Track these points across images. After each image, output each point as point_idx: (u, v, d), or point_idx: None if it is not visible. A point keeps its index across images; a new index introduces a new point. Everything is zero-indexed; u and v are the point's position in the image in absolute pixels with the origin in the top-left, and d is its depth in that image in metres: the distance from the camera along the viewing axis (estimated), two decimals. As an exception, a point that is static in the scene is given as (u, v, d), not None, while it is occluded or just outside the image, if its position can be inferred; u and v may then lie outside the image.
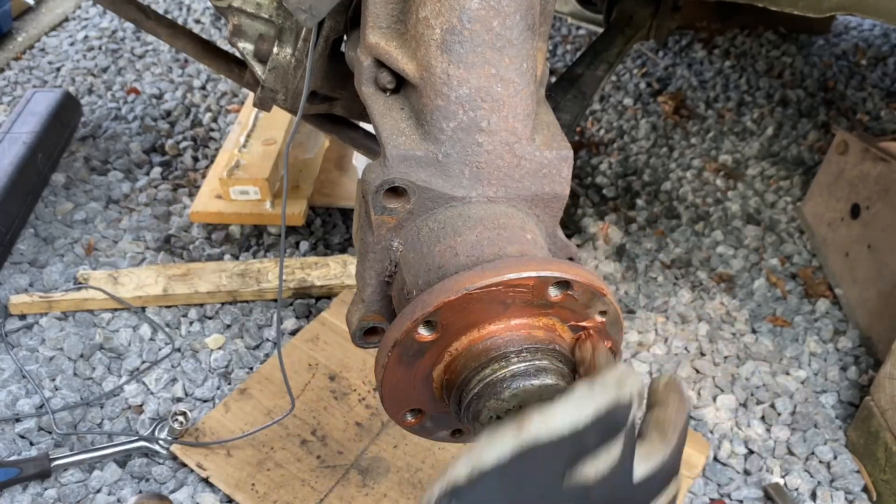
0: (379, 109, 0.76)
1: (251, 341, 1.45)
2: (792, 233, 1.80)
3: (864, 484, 1.28)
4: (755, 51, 2.50)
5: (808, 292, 1.64)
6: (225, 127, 2.05)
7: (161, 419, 1.29)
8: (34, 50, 2.40)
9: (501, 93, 0.71)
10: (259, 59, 1.04)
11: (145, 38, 2.43)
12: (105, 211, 1.75)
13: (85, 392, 1.36)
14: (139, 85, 2.21)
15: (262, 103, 1.10)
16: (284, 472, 1.23)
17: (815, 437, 1.35)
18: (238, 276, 1.54)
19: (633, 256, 1.71)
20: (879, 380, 1.28)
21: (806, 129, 2.14)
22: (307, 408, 1.31)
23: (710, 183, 1.94)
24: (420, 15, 0.71)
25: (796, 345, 1.52)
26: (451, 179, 0.73)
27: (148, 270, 1.55)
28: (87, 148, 1.93)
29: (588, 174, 1.97)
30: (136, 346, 1.44)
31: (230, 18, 1.02)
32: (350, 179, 1.80)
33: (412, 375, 0.71)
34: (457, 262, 0.69)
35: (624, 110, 2.21)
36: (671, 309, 1.58)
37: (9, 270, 1.58)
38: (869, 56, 2.51)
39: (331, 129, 1.24)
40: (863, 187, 1.60)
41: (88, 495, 1.21)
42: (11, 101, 2.13)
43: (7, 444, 1.27)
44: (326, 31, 0.96)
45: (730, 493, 1.27)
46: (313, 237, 1.70)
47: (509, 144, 0.73)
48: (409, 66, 0.73)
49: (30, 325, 1.47)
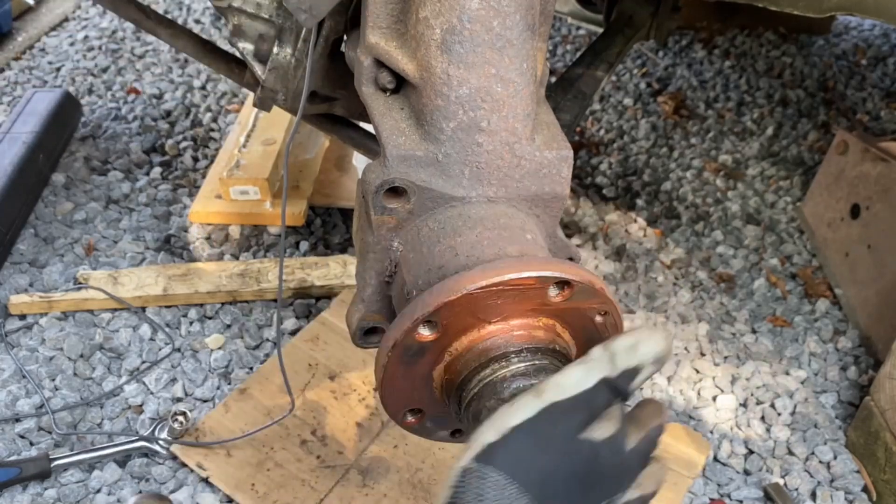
0: (379, 109, 0.76)
1: (251, 341, 1.45)
2: (792, 233, 1.81)
3: (864, 484, 1.28)
4: (755, 51, 2.50)
5: (808, 292, 1.64)
6: (225, 127, 2.05)
7: (161, 419, 1.29)
8: (34, 50, 2.40)
9: (501, 93, 0.71)
10: (259, 59, 1.04)
11: (145, 38, 2.43)
12: (105, 211, 1.75)
13: (85, 392, 1.36)
14: (139, 85, 2.21)
15: (262, 103, 1.10)
16: (284, 472, 1.23)
17: (815, 437, 1.35)
18: (238, 276, 1.54)
19: (633, 256, 1.71)
20: (879, 380, 1.28)
21: (806, 129, 2.14)
22: (307, 408, 1.31)
23: (710, 183, 1.94)
24: (420, 15, 0.71)
25: (796, 345, 1.52)
26: (451, 179, 0.73)
27: (148, 270, 1.55)
28: (87, 148, 1.93)
29: (588, 174, 1.97)
30: (136, 346, 1.44)
31: (230, 18, 1.02)
32: (350, 179, 1.80)
33: (412, 375, 0.71)
34: (457, 262, 0.69)
35: (624, 110, 2.21)
36: (671, 309, 1.58)
37: (9, 270, 1.58)
38: (869, 56, 2.51)
39: (331, 129, 1.24)
40: (863, 187, 1.60)
41: (88, 495, 1.21)
42: (11, 101, 2.13)
43: (7, 444, 1.27)
44: (326, 31, 0.96)
45: (730, 493, 1.27)
46: (313, 237, 1.70)
47: (509, 144, 0.73)
48: (409, 66, 0.73)
49: (30, 325, 1.47)
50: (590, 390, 0.59)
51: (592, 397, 0.60)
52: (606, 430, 0.60)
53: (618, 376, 0.60)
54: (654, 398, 0.68)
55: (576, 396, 0.59)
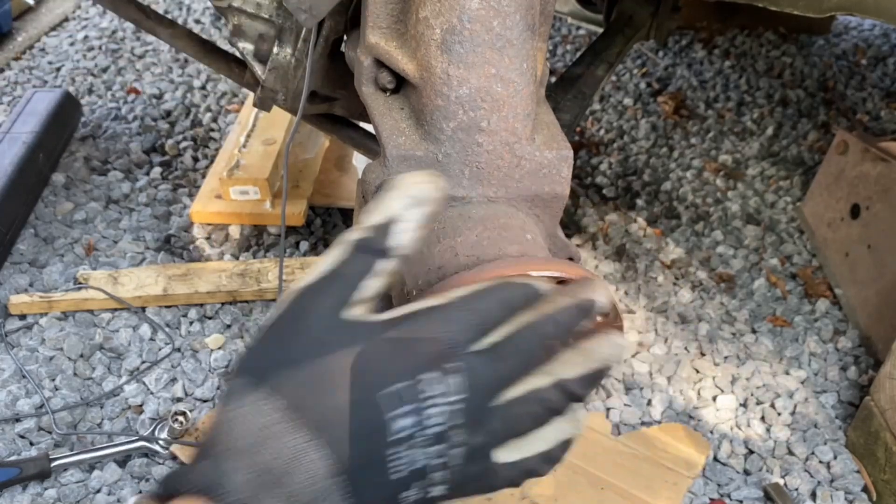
0: (379, 109, 0.77)
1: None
2: (792, 233, 1.81)
3: (864, 484, 1.28)
4: (755, 51, 2.50)
5: (808, 292, 1.64)
6: (225, 127, 2.05)
7: (161, 419, 1.29)
8: (34, 50, 2.40)
9: (501, 93, 0.71)
10: (259, 59, 1.04)
11: (145, 38, 2.43)
12: (105, 211, 1.75)
13: (85, 392, 1.36)
14: (139, 85, 2.21)
15: (262, 103, 1.10)
16: (284, 472, 1.22)
17: (815, 437, 1.35)
18: (238, 276, 1.54)
19: (633, 256, 1.71)
20: (879, 380, 1.28)
21: (806, 129, 2.14)
22: (307, 408, 1.31)
23: (710, 183, 1.95)
24: (420, 15, 0.71)
25: (796, 345, 1.52)
26: (451, 179, 0.73)
27: (148, 270, 1.55)
28: (87, 148, 1.93)
29: (588, 174, 1.97)
30: (136, 346, 1.44)
31: (230, 18, 1.02)
32: (350, 179, 1.80)
33: (412, 375, 0.70)
34: (457, 262, 0.69)
35: (624, 110, 2.21)
36: (671, 309, 1.59)
37: (9, 270, 1.58)
38: (869, 56, 2.51)
39: (331, 129, 1.24)
40: (863, 187, 1.60)
41: (88, 495, 1.21)
42: (11, 101, 2.13)
43: (7, 444, 1.27)
44: (326, 31, 0.96)
45: (730, 493, 1.27)
46: (313, 237, 1.70)
47: (509, 144, 0.73)
48: (409, 66, 0.73)
49: (30, 325, 1.47)
50: (342, 262, 0.51)
51: (348, 269, 0.51)
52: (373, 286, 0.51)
53: (371, 236, 0.52)
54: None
55: (325, 273, 0.51)
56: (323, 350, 0.48)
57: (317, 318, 0.49)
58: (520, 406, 0.50)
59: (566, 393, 0.51)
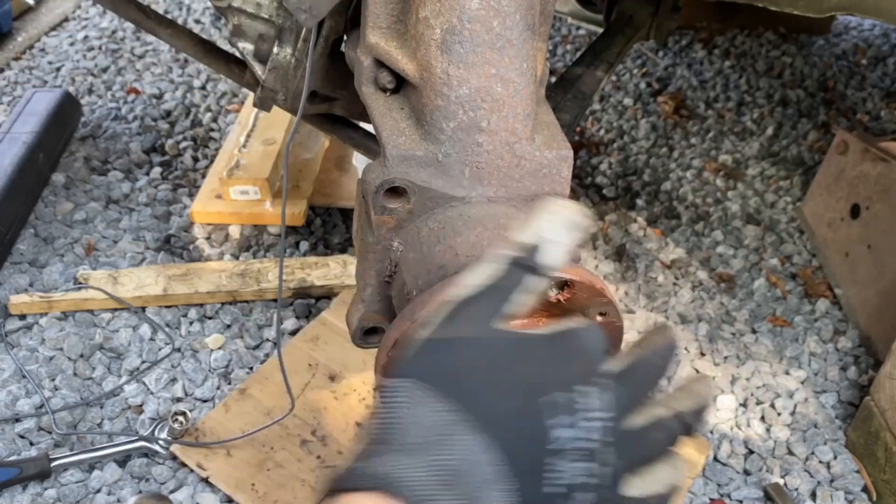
0: (379, 109, 0.77)
1: (251, 341, 1.45)
2: (792, 233, 1.81)
3: (864, 484, 1.28)
4: (755, 51, 2.50)
5: (808, 292, 1.64)
6: (225, 127, 2.05)
7: (161, 419, 1.29)
8: (34, 50, 2.40)
9: (501, 93, 0.71)
10: (259, 59, 1.04)
11: (145, 38, 2.43)
12: (105, 211, 1.75)
13: (85, 392, 1.36)
14: (139, 85, 2.21)
15: (262, 103, 1.10)
16: (284, 472, 1.23)
17: (815, 437, 1.35)
18: (238, 276, 1.54)
19: (633, 256, 1.71)
20: (879, 380, 1.28)
21: (806, 129, 2.14)
22: (307, 408, 1.31)
23: (710, 183, 1.95)
24: (420, 15, 0.71)
25: (796, 345, 1.52)
26: (452, 179, 0.73)
27: (148, 270, 1.55)
28: (87, 148, 1.93)
29: (588, 174, 1.97)
30: (136, 346, 1.44)
31: (230, 18, 1.02)
32: (350, 179, 1.80)
33: (412, 375, 0.70)
34: (457, 262, 0.69)
35: (624, 110, 2.21)
36: (671, 309, 1.59)
37: (9, 270, 1.58)
38: (869, 56, 2.51)
39: (331, 129, 1.24)
40: (863, 187, 1.60)
41: (88, 495, 1.21)
42: (11, 101, 2.13)
43: (7, 444, 1.27)
44: (326, 31, 0.96)
45: (730, 493, 1.27)
46: (313, 237, 1.70)
47: (509, 144, 0.73)
48: (409, 66, 0.73)
49: (30, 325, 1.47)
50: (499, 277, 0.54)
51: (502, 283, 0.54)
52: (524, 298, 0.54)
53: (525, 255, 0.54)
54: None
55: (484, 287, 0.54)
56: (486, 357, 0.51)
57: (477, 327, 0.52)
58: (649, 432, 0.51)
59: (683, 424, 0.52)
